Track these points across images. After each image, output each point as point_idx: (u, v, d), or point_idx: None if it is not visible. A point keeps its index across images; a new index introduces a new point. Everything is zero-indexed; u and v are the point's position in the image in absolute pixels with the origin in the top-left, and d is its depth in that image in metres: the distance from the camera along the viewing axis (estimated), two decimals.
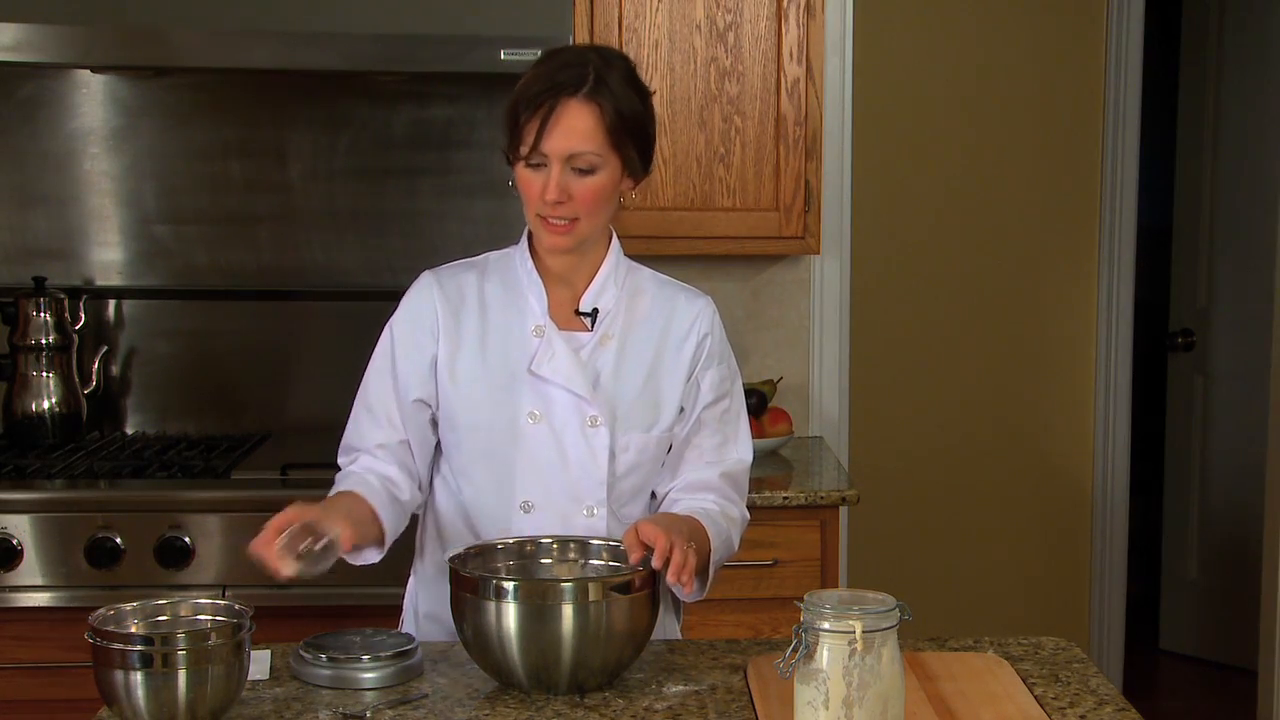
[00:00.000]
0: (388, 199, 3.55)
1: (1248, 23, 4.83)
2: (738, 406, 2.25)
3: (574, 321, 2.16)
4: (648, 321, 2.18)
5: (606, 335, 2.15)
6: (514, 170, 2.08)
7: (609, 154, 2.05)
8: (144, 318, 3.52)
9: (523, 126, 2.03)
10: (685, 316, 2.20)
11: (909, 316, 4.56)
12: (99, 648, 1.73)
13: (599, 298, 2.16)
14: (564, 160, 2.02)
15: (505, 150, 2.08)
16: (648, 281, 2.22)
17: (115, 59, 3.11)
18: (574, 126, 2.01)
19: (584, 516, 2.13)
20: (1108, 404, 4.57)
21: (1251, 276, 4.70)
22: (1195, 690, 4.94)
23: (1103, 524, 4.62)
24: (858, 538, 4.01)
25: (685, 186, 3.32)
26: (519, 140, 2.04)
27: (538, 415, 2.11)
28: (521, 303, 2.15)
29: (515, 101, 2.05)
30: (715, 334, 2.21)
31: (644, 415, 2.15)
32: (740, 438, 2.25)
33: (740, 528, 2.22)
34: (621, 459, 2.14)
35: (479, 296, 2.16)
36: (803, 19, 3.31)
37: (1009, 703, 1.88)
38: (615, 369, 2.14)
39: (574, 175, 2.04)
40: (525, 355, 2.12)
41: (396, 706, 1.86)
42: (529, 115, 2.02)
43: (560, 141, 2.01)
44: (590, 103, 2.02)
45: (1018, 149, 4.53)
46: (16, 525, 2.90)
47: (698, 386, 2.19)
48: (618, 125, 2.04)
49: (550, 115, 2.01)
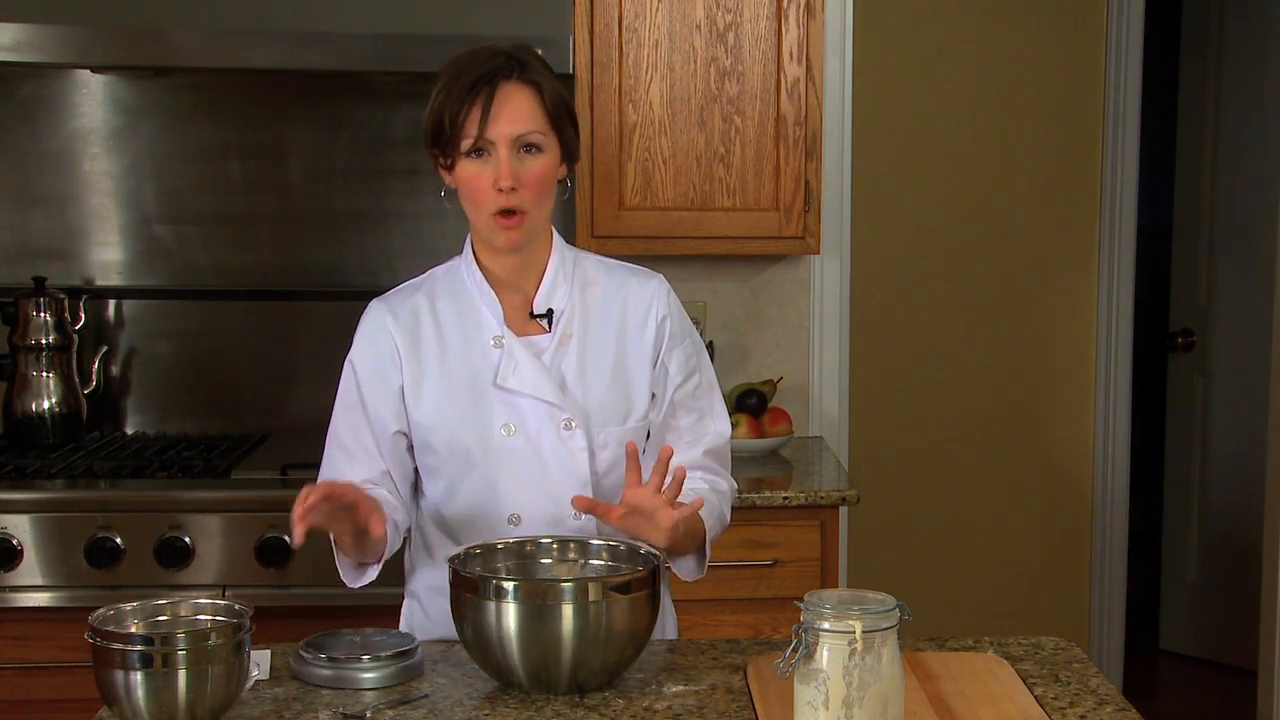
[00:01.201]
0: (388, 199, 3.55)
1: (1248, 23, 4.83)
2: (708, 379, 2.25)
3: (530, 325, 2.14)
4: (603, 312, 2.16)
5: (566, 334, 2.14)
6: (452, 173, 2.07)
7: (550, 135, 2.05)
8: (144, 318, 3.52)
9: (461, 121, 2.01)
10: (640, 301, 2.18)
11: (909, 316, 4.56)
12: (99, 648, 1.73)
13: (551, 297, 2.14)
14: (510, 143, 2.02)
15: (437, 157, 2.06)
16: (596, 270, 2.20)
17: (115, 59, 3.11)
18: (517, 108, 2.02)
19: (572, 520, 2.12)
20: (1108, 404, 4.57)
21: (1251, 276, 4.70)
22: (1195, 690, 4.94)
23: (1103, 524, 4.62)
24: (858, 538, 4.01)
25: (685, 186, 3.32)
26: (458, 135, 2.02)
27: (512, 428, 2.10)
28: (476, 315, 2.13)
29: (442, 101, 2.02)
30: (674, 313, 2.20)
31: (616, 408, 2.14)
32: (716, 410, 2.25)
33: (730, 499, 2.25)
34: (601, 456, 2.13)
35: (432, 317, 2.14)
36: (803, 19, 3.31)
37: (1009, 703, 1.88)
38: (580, 368, 2.13)
39: (521, 158, 2.03)
40: (489, 368, 2.11)
41: (396, 706, 1.86)
42: (468, 105, 2.00)
43: (505, 125, 2.01)
44: (527, 84, 2.03)
45: (1018, 149, 4.53)
46: (16, 525, 2.90)
47: (665, 370, 2.18)
48: (556, 106, 2.06)
49: (491, 100, 2.00)
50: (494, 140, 2.01)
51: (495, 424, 2.10)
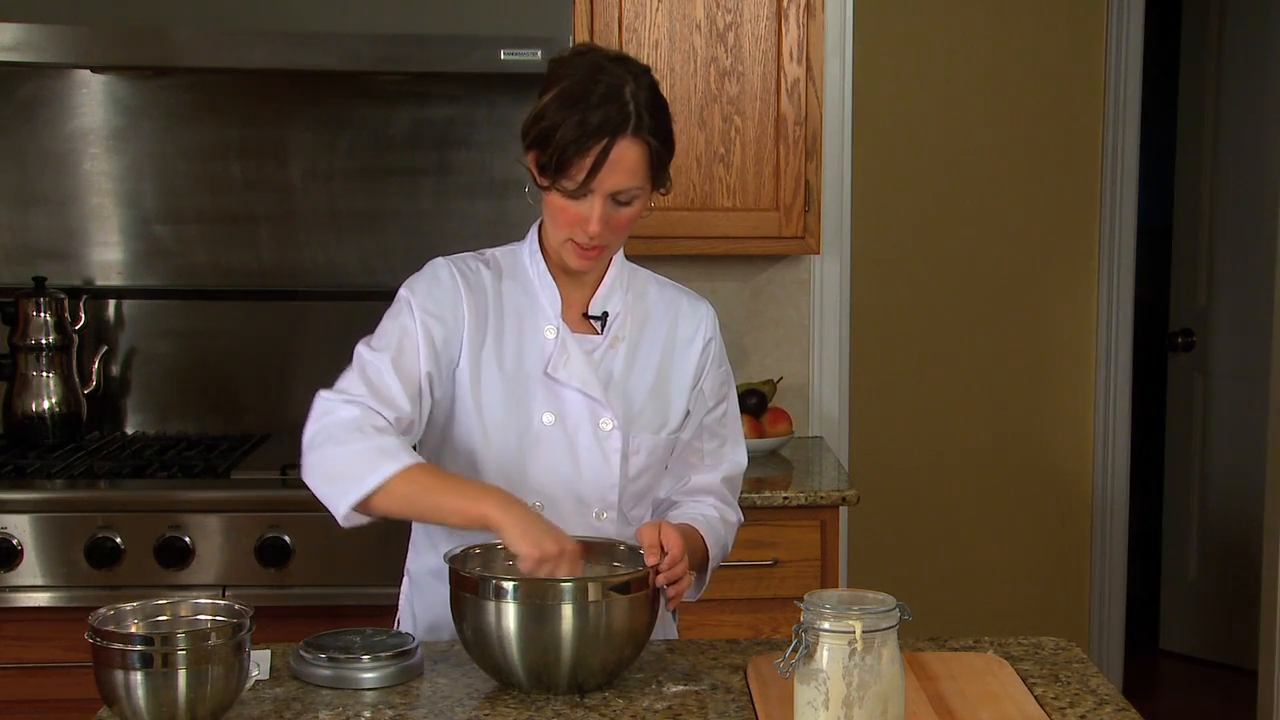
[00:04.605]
0: (388, 199, 3.55)
1: (1248, 23, 4.83)
2: (734, 409, 2.30)
3: (583, 324, 2.16)
4: (655, 324, 2.20)
5: (617, 338, 2.16)
6: (545, 193, 2.05)
7: (648, 185, 2.06)
8: (144, 318, 3.52)
9: (568, 165, 1.98)
10: (690, 321, 2.22)
11: (909, 316, 4.56)
12: (99, 648, 1.73)
13: (608, 301, 2.17)
14: (609, 195, 2.02)
15: (535, 170, 2.04)
16: (649, 284, 2.24)
17: (115, 59, 3.11)
18: (624, 166, 2.00)
19: (592, 519, 2.13)
20: (1108, 404, 4.57)
21: (1251, 276, 4.70)
22: (1195, 690, 4.94)
23: (1103, 524, 4.62)
24: (858, 538, 4.01)
25: (685, 186, 3.32)
26: (563, 174, 1.99)
27: (553, 418, 2.11)
28: (535, 303, 2.14)
29: (554, 124, 1.98)
30: (717, 339, 2.25)
31: (654, 417, 2.16)
32: (737, 440, 2.29)
33: (735, 530, 2.27)
34: (633, 461, 2.15)
35: (496, 293, 2.14)
36: (803, 19, 3.31)
37: (1009, 702, 1.88)
38: (626, 371, 2.16)
39: (613, 207, 2.03)
40: (540, 357, 2.12)
41: (396, 706, 1.86)
42: (581, 154, 1.97)
43: (610, 180, 2.00)
44: (639, 141, 2.00)
45: (1018, 149, 4.53)
46: (16, 525, 2.90)
47: (702, 392, 2.22)
48: (661, 159, 2.05)
49: (604, 156, 1.98)
50: (593, 190, 2.01)
51: (537, 411, 2.11)
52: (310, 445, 2.02)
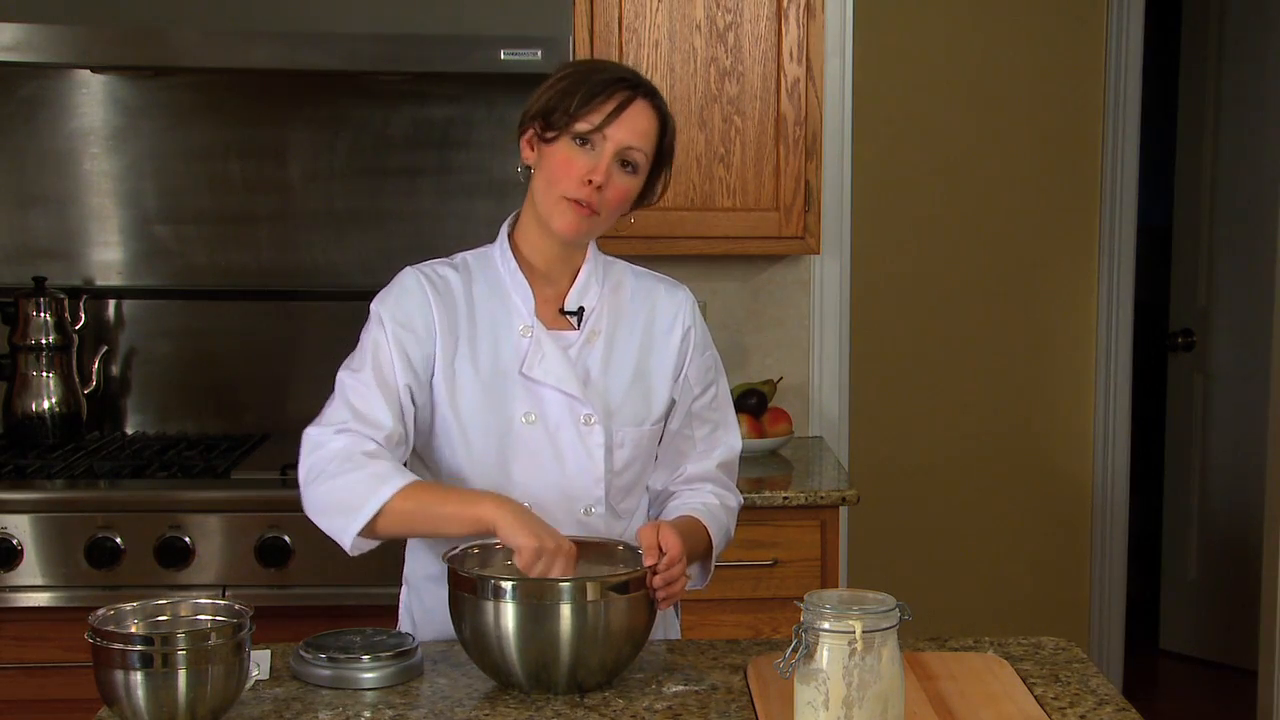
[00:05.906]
0: (388, 199, 3.55)
1: (1248, 23, 4.83)
2: (724, 393, 2.29)
3: (559, 321, 2.15)
4: (631, 315, 2.19)
5: (594, 332, 2.16)
6: (541, 149, 2.07)
7: (648, 163, 2.09)
8: (144, 318, 3.52)
9: (590, 104, 2.03)
10: (667, 309, 2.22)
11: (909, 316, 4.56)
12: (99, 648, 1.73)
13: (583, 296, 2.16)
14: (618, 150, 2.05)
15: (536, 129, 2.07)
16: (626, 275, 2.23)
17: (115, 59, 3.10)
18: (641, 123, 2.06)
19: (581, 516, 2.13)
20: (1108, 404, 4.57)
21: (1251, 276, 4.70)
22: (1195, 690, 4.94)
23: (1103, 524, 4.62)
24: (858, 538, 4.01)
25: (685, 186, 3.32)
26: (578, 116, 2.03)
27: (532, 417, 2.11)
28: (507, 303, 2.14)
29: (572, 84, 2.05)
30: (697, 325, 2.24)
31: (635, 410, 2.16)
32: (729, 423, 2.29)
33: (736, 514, 2.27)
34: (617, 455, 2.15)
35: (467, 298, 2.14)
36: (803, 19, 3.31)
37: (1009, 702, 1.88)
38: (604, 366, 2.15)
39: (617, 169, 2.06)
40: (515, 357, 2.12)
41: (396, 706, 1.86)
42: (602, 98, 2.03)
43: (625, 131, 2.04)
44: (656, 110, 2.09)
45: (1018, 149, 4.53)
46: (16, 525, 2.90)
47: (686, 380, 2.22)
48: (668, 143, 2.12)
49: (626, 105, 2.04)
50: (607, 138, 2.04)
51: (517, 412, 2.11)
52: (306, 482, 2.05)
